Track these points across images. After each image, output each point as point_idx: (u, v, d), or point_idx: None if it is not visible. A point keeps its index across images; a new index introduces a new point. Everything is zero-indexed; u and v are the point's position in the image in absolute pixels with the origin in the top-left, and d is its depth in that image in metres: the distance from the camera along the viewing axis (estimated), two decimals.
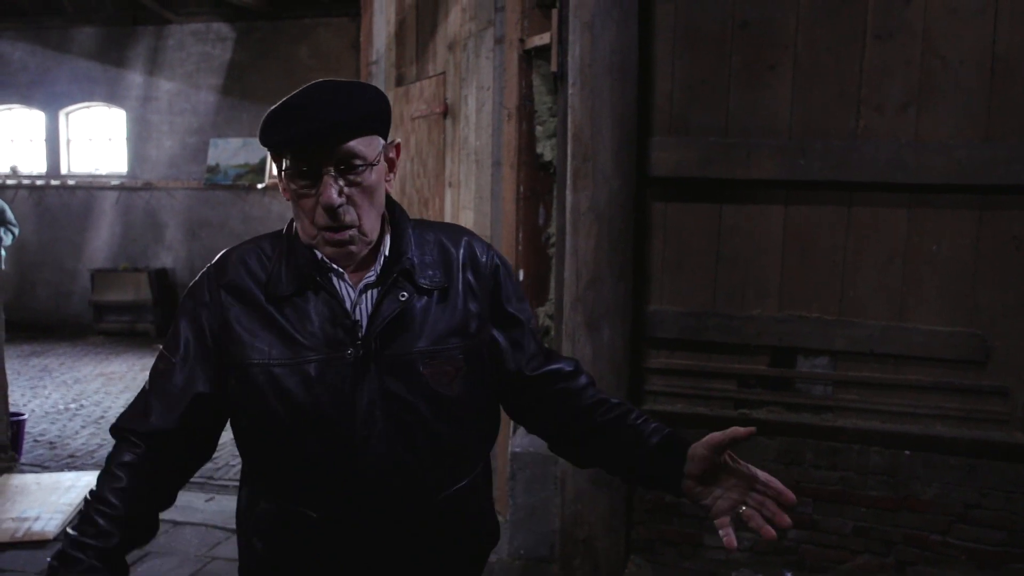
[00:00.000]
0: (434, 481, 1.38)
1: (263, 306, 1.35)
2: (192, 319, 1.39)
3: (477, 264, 1.45)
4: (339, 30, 8.99)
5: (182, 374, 1.36)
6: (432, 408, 1.36)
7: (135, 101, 9.52)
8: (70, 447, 5.01)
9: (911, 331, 3.21)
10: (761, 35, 3.24)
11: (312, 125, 1.25)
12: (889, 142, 3.16)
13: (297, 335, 1.33)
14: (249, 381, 1.33)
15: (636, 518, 3.43)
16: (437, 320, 1.38)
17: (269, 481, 1.37)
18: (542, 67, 3.47)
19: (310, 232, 1.33)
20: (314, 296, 1.35)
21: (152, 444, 1.36)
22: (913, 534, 3.20)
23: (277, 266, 1.37)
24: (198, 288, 1.41)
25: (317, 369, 1.32)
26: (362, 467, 1.31)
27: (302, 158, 1.28)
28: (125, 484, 1.32)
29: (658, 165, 3.31)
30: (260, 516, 1.38)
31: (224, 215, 9.42)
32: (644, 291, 3.41)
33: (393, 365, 1.34)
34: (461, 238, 1.48)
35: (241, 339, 1.34)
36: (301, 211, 1.33)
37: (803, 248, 3.30)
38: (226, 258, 1.43)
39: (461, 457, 1.42)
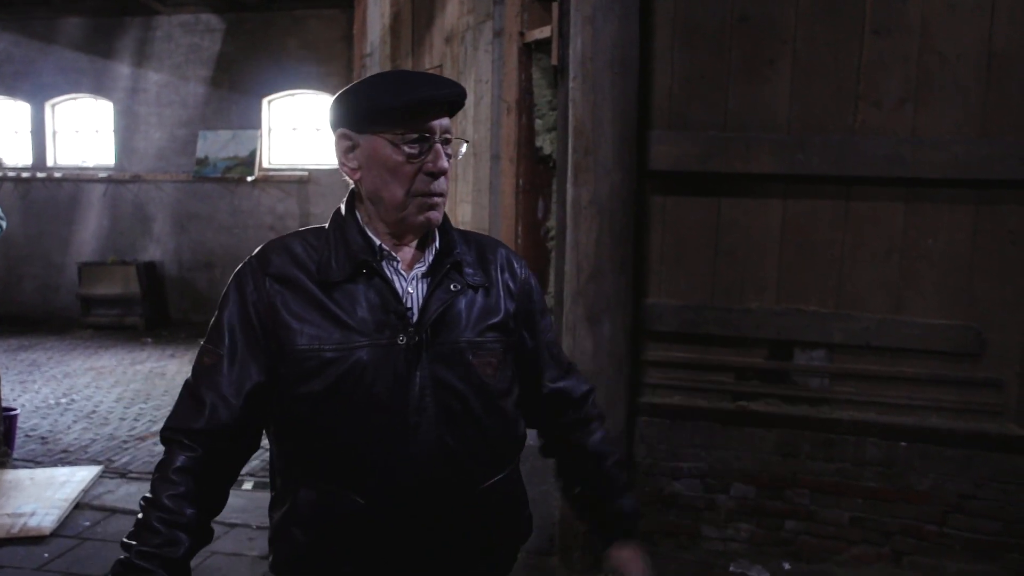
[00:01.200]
0: (477, 470, 1.40)
1: (312, 292, 1.36)
2: (238, 310, 1.39)
3: (513, 270, 1.53)
4: (330, 22, 8.94)
5: (233, 366, 1.36)
6: (478, 397, 1.40)
7: (123, 93, 9.44)
8: (63, 442, 4.98)
9: (908, 324, 3.25)
10: (760, 30, 3.26)
11: (455, 89, 1.37)
12: (887, 137, 3.18)
13: (348, 320, 1.35)
14: (300, 366, 1.34)
15: None
16: (481, 314, 1.43)
17: (313, 467, 1.37)
18: (542, 60, 3.47)
19: (399, 200, 1.36)
20: (365, 282, 1.37)
21: (208, 443, 1.35)
22: (909, 525, 3.23)
23: (326, 253, 1.39)
24: (241, 280, 1.41)
25: (370, 355, 1.33)
26: (411, 453, 1.33)
27: (423, 125, 1.34)
28: (184, 490, 1.32)
29: (658, 159, 3.33)
30: (300, 504, 1.37)
31: (213, 208, 9.37)
32: (643, 284, 3.42)
33: (443, 354, 1.37)
34: (497, 245, 1.56)
35: (290, 325, 1.35)
36: (397, 179, 1.35)
37: (801, 242, 3.32)
38: (267, 250, 1.43)
39: (501, 448, 1.46)
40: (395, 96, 1.32)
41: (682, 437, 3.42)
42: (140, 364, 7.38)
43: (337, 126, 1.40)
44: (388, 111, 1.33)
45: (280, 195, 9.26)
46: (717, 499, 3.41)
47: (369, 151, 1.36)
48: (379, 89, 1.35)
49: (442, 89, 1.35)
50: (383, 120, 1.34)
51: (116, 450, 4.83)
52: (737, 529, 3.40)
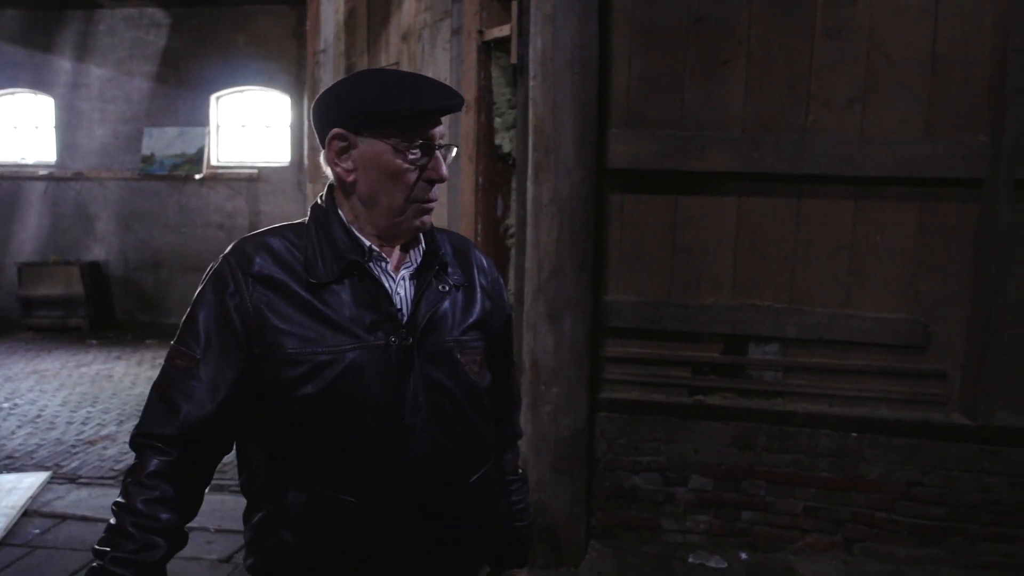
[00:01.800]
0: (466, 466, 1.43)
1: (299, 294, 1.33)
2: (215, 311, 1.34)
3: (485, 270, 1.55)
4: (279, 18, 8.83)
5: (209, 368, 1.33)
6: (466, 396, 1.42)
7: (64, 88, 9.18)
8: (7, 448, 4.83)
9: (857, 318, 3.35)
10: (715, 31, 3.32)
11: (460, 99, 1.37)
12: (837, 137, 3.28)
13: (339, 321, 1.33)
14: (292, 370, 1.31)
15: (596, 505, 3.49)
16: (464, 313, 1.45)
17: (304, 469, 1.35)
18: (501, 59, 3.49)
19: (398, 205, 1.36)
20: (354, 283, 1.35)
21: (182, 447, 1.32)
22: (860, 512, 3.34)
23: (311, 252, 1.36)
24: (219, 278, 1.36)
25: (362, 357, 1.32)
26: (407, 453, 1.34)
27: (427, 132, 1.34)
28: (159, 494, 1.30)
29: (616, 157, 3.37)
30: (289, 506, 1.35)
31: (159, 206, 9.17)
32: (601, 281, 3.46)
33: (434, 354, 1.38)
34: (470, 245, 1.58)
35: (279, 328, 1.32)
36: (397, 186, 1.34)
37: (755, 239, 3.40)
38: (244, 246, 1.38)
39: (485, 443, 1.49)
40: (405, 102, 1.31)
41: (641, 432, 3.47)
42: (86, 367, 7.19)
43: (330, 125, 1.36)
44: (395, 117, 1.31)
45: (229, 193, 9.11)
46: (676, 492, 3.47)
47: (369, 155, 1.34)
48: (385, 93, 1.32)
49: (452, 99, 1.35)
50: (388, 125, 1.32)
51: (64, 455, 4.71)
52: (696, 521, 3.46)
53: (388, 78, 1.37)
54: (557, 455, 3.28)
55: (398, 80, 1.35)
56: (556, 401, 3.24)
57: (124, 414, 5.46)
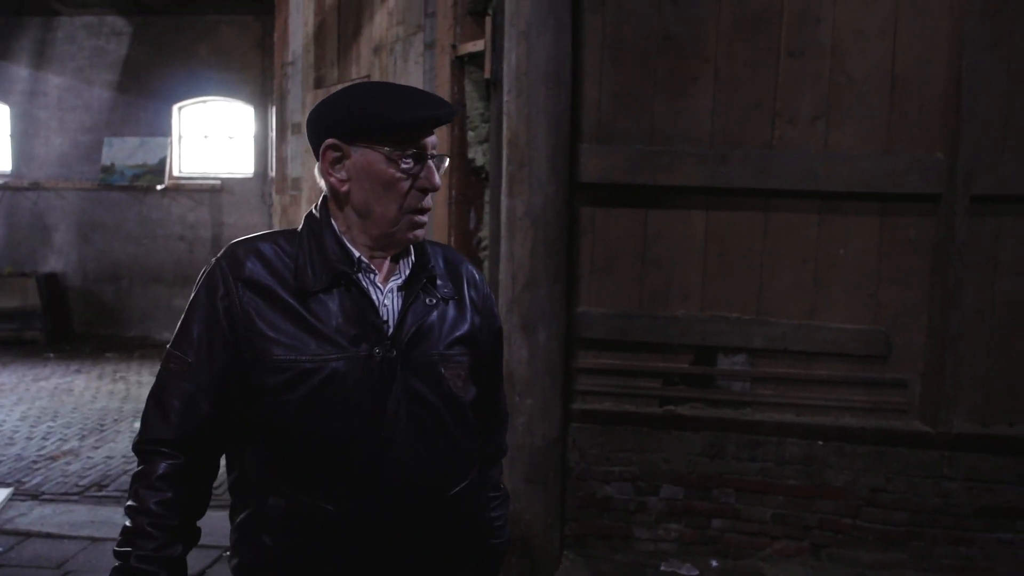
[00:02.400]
0: (446, 479, 1.43)
1: (287, 301, 1.35)
2: (207, 314, 1.37)
3: (477, 285, 1.56)
4: (243, 28, 8.78)
5: (201, 371, 1.36)
6: (448, 409, 1.42)
7: (20, 96, 9.01)
8: None
9: (821, 329, 3.44)
10: (684, 48, 3.40)
11: (452, 110, 1.41)
12: (801, 152, 3.37)
13: (324, 330, 1.35)
14: (276, 377, 1.33)
15: (569, 514, 3.52)
16: (451, 327, 1.45)
17: (283, 475, 1.37)
18: (474, 73, 3.53)
19: (392, 215, 1.37)
20: (341, 293, 1.37)
21: (183, 449, 1.36)
22: (827, 519, 3.42)
23: (302, 260, 1.38)
24: (210, 282, 1.38)
25: (346, 366, 1.34)
26: (385, 463, 1.35)
27: (419, 141, 1.35)
28: (171, 495, 1.34)
29: (587, 171, 3.43)
30: (269, 511, 1.38)
31: (120, 217, 9.03)
32: (573, 293, 3.51)
33: (417, 367, 1.39)
34: (462, 260, 1.58)
35: (265, 334, 1.34)
36: (390, 196, 1.36)
37: (723, 251, 3.48)
38: (235, 251, 1.40)
39: (467, 457, 1.49)
40: (397, 111, 1.33)
41: (613, 442, 3.52)
42: (44, 380, 7.04)
43: (324, 136, 1.38)
44: (388, 126, 1.33)
45: (191, 204, 9.01)
46: (648, 501, 3.52)
47: (362, 164, 1.36)
48: (378, 102, 1.35)
49: (443, 108, 1.38)
50: (381, 134, 1.34)
51: (25, 471, 4.61)
52: (667, 529, 3.51)
53: (381, 89, 1.40)
54: (531, 465, 3.31)
55: (390, 91, 1.38)
56: (531, 412, 3.27)
57: (86, 428, 5.36)
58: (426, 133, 1.36)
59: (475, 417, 1.51)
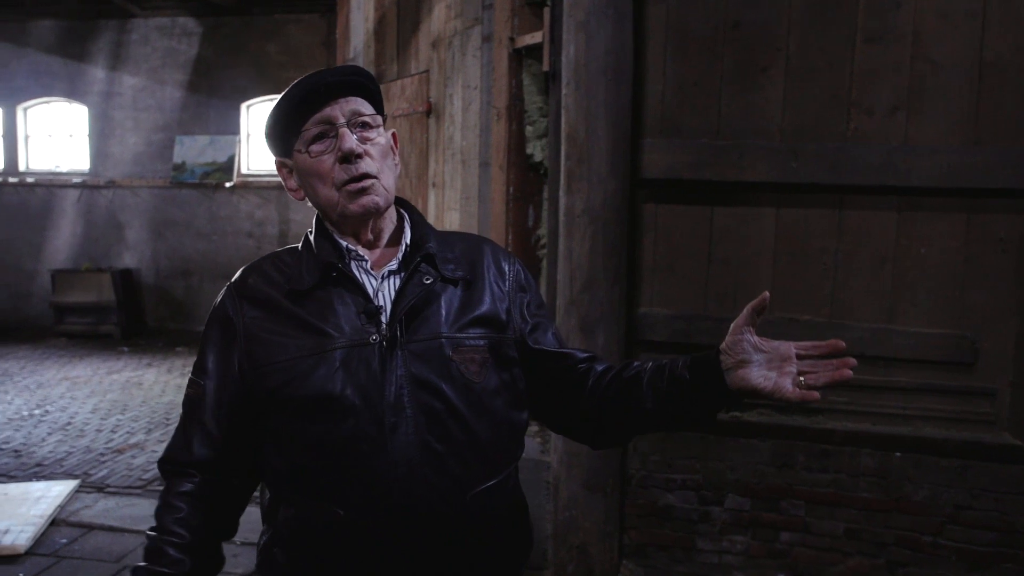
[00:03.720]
0: (466, 475, 1.32)
1: (284, 305, 1.36)
2: (218, 338, 1.40)
3: (502, 268, 1.49)
4: (310, 27, 8.85)
5: (215, 398, 1.37)
6: (461, 395, 1.33)
7: (97, 97, 9.28)
8: (37, 455, 4.85)
9: (901, 334, 3.23)
10: (753, 37, 3.23)
11: (322, 79, 1.38)
12: (879, 145, 3.17)
13: (321, 325, 1.33)
14: (277, 379, 1.32)
15: (629, 523, 3.40)
16: (462, 310, 1.39)
17: (294, 482, 1.33)
18: (532, 66, 3.43)
19: (332, 198, 1.37)
20: (335, 286, 1.36)
21: (202, 471, 1.37)
22: (904, 535, 3.21)
23: (296, 265, 1.40)
24: (221, 307, 1.42)
25: (343, 357, 1.31)
26: (392, 458, 1.27)
27: (317, 117, 1.36)
28: (187, 513, 1.34)
29: (650, 167, 3.29)
30: (281, 523, 1.34)
31: (190, 214, 9.23)
32: (635, 294, 3.38)
33: (420, 350, 1.33)
34: (482, 242, 1.53)
35: (265, 341, 1.34)
36: (321, 180, 1.37)
37: (794, 251, 3.30)
38: (244, 273, 1.45)
39: (493, 451, 1.37)
40: (284, 103, 1.36)
41: (676, 448, 3.38)
42: (116, 373, 7.23)
43: (275, 157, 1.46)
44: (286, 125, 1.37)
45: (259, 201, 9.15)
46: (712, 511, 3.37)
47: (298, 169, 1.40)
48: (276, 106, 1.39)
49: (324, 77, 1.36)
50: (289, 135, 1.38)
51: (93, 463, 4.71)
52: (732, 541, 3.36)
53: (286, 91, 1.40)
54: (590, 471, 3.20)
55: (290, 87, 1.39)
56: None
57: (153, 422, 5.46)
58: (317, 107, 1.35)
59: (512, 409, 1.39)
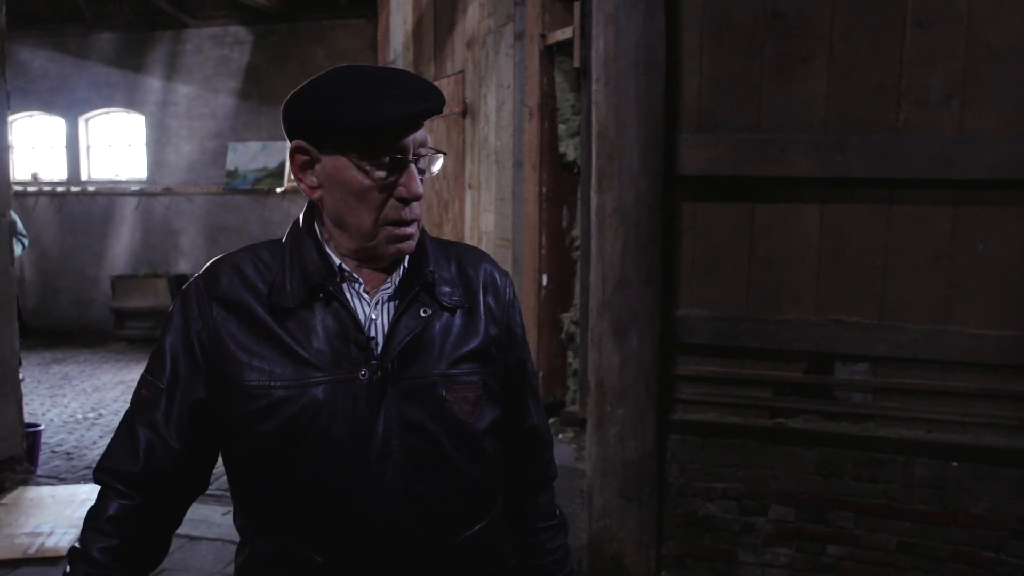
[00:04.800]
0: (453, 521, 1.24)
1: (262, 320, 1.20)
2: (180, 337, 1.23)
3: (497, 290, 1.35)
4: (356, 31, 8.90)
5: (174, 402, 1.22)
6: (453, 439, 1.23)
7: (154, 106, 9.50)
8: (87, 458, 4.94)
9: (957, 335, 3.04)
10: (794, 25, 3.08)
11: (434, 103, 1.17)
12: (932, 136, 2.99)
13: (302, 352, 1.18)
14: (248, 405, 1.18)
15: (667, 533, 3.28)
16: (458, 341, 1.26)
17: (267, 518, 1.22)
18: (564, 63, 3.34)
19: (366, 229, 1.19)
20: (322, 308, 1.20)
21: (146, 489, 1.22)
22: (962, 550, 3.02)
23: (280, 275, 1.22)
24: (185, 302, 1.24)
25: (327, 392, 1.17)
26: (375, 504, 1.18)
27: (395, 144, 1.16)
28: (118, 543, 1.20)
29: (686, 164, 3.17)
30: (256, 555, 1.23)
31: (243, 220, 9.37)
32: (673, 295, 3.26)
33: (412, 389, 1.20)
34: (481, 261, 1.37)
35: (237, 358, 1.19)
36: (362, 205, 1.17)
37: (841, 249, 3.14)
38: (217, 267, 1.26)
39: (481, 495, 1.29)
40: (362, 114, 1.13)
41: (716, 456, 3.25)
42: None
43: (292, 136, 1.21)
44: (355, 131, 1.14)
45: None
46: (754, 521, 3.23)
47: (331, 171, 1.18)
48: (341, 102, 1.15)
49: (419, 105, 1.15)
50: (347, 138, 1.15)
51: None
52: (776, 554, 3.21)
53: (355, 82, 1.17)
54: (624, 479, 3.10)
55: (366, 83, 1.16)
56: (623, 423, 3.06)
57: None
58: (404, 133, 1.16)
59: (497, 445, 1.31)
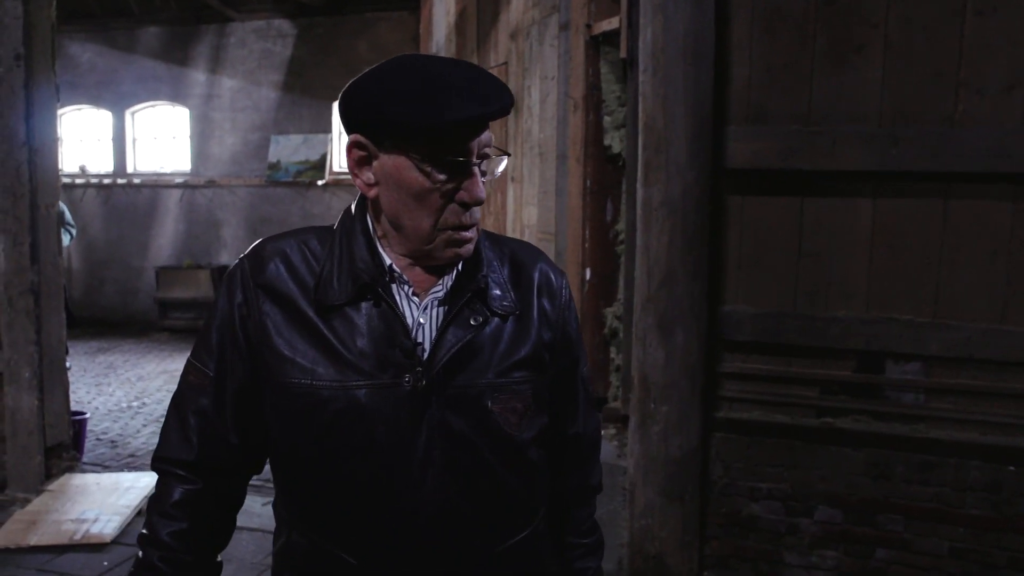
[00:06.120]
0: (492, 533, 1.20)
1: (307, 315, 1.17)
2: (226, 322, 1.21)
3: (552, 291, 1.29)
4: (399, 24, 8.92)
5: (223, 388, 1.21)
6: (496, 451, 1.19)
7: (198, 99, 9.62)
8: (131, 446, 5.02)
9: (1015, 334, 2.93)
10: (848, 13, 3.00)
11: (504, 103, 1.11)
12: (991, 128, 2.88)
13: (346, 353, 1.15)
14: (288, 402, 1.16)
15: (710, 533, 3.22)
16: (508, 349, 1.20)
17: (303, 514, 1.20)
18: (610, 54, 3.29)
19: (424, 232, 1.14)
20: (370, 308, 1.16)
21: (205, 474, 1.23)
22: (1019, 557, 2.92)
23: (329, 269, 1.18)
24: (231, 284, 1.22)
25: (369, 396, 1.14)
26: (413, 513, 1.14)
27: (460, 147, 1.10)
28: (186, 526, 1.21)
29: (734, 156, 3.10)
30: (292, 548, 1.22)
31: (285, 212, 9.45)
32: (718, 290, 3.20)
33: (458, 398, 1.16)
34: (537, 259, 1.31)
35: (280, 352, 1.16)
36: (422, 208, 1.12)
37: (893, 244, 3.05)
38: (261, 250, 1.22)
39: (524, 505, 1.25)
40: (427, 114, 1.07)
41: (761, 455, 3.18)
42: None
43: (349, 130, 1.16)
44: (417, 130, 1.08)
45: (350, 199, 9.04)
46: (800, 523, 3.15)
47: (390, 169, 1.13)
48: (405, 99, 1.08)
49: (488, 106, 1.09)
50: (409, 137, 1.10)
51: None
52: (822, 556, 3.14)
53: (418, 77, 1.10)
54: (667, 478, 3.05)
55: (430, 80, 1.10)
56: (666, 420, 3.01)
57: None
58: (469, 135, 1.11)
59: (542, 453, 1.26)
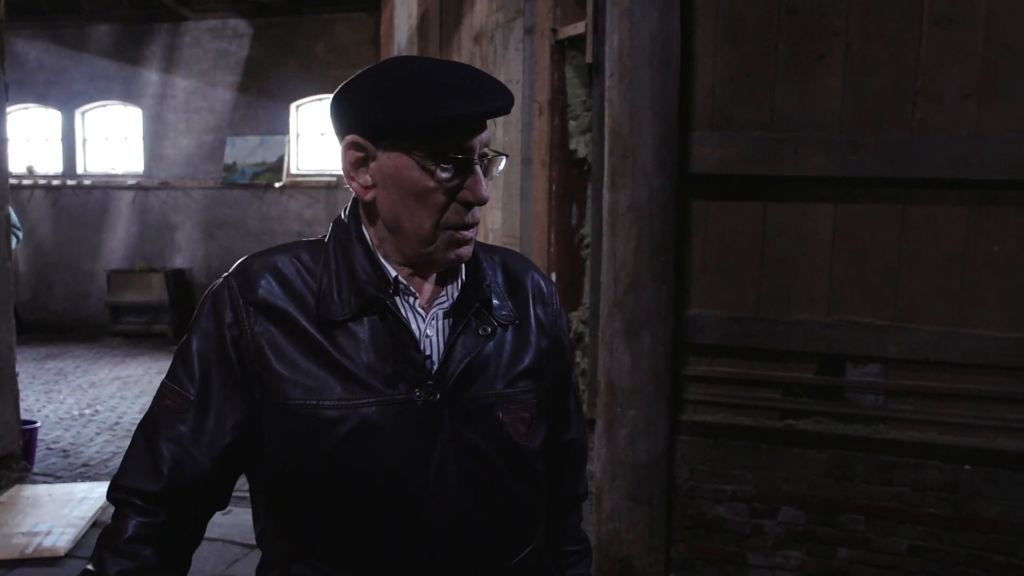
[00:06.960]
0: (506, 545, 1.18)
1: (308, 333, 1.11)
2: (213, 345, 1.13)
3: (545, 299, 1.28)
4: (358, 25, 8.84)
5: (204, 416, 1.12)
6: (509, 463, 1.17)
7: (151, 99, 9.42)
8: (84, 455, 4.88)
9: (972, 337, 3.01)
10: (810, 22, 3.04)
11: (505, 101, 1.09)
12: (948, 136, 2.95)
13: (353, 369, 1.10)
14: (293, 425, 1.10)
15: (676, 535, 3.25)
16: (512, 359, 1.19)
17: (307, 543, 1.14)
18: (575, 58, 3.29)
19: (425, 232, 1.10)
20: (375, 322, 1.12)
21: (169, 509, 1.13)
22: (975, 554, 2.99)
23: (327, 281, 1.13)
24: (217, 304, 1.14)
25: (379, 413, 1.09)
26: (428, 531, 1.11)
27: (463, 144, 1.08)
28: (137, 564, 1.11)
29: (699, 162, 3.12)
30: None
31: (241, 214, 9.30)
32: (683, 295, 3.22)
33: (470, 411, 1.13)
34: (527, 269, 1.30)
35: (280, 373, 1.10)
36: (423, 208, 1.09)
37: (854, 249, 3.10)
38: (249, 267, 1.16)
39: (533, 516, 1.23)
40: (434, 109, 1.04)
41: (726, 457, 3.21)
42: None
43: (345, 131, 1.12)
44: (420, 128, 1.06)
45: (308, 201, 9.17)
46: (764, 524, 3.19)
47: (390, 169, 1.09)
48: (406, 96, 1.06)
49: (491, 102, 1.07)
50: (411, 135, 1.07)
51: None
52: (786, 556, 3.18)
53: (417, 75, 1.08)
54: (634, 481, 3.06)
55: (429, 77, 1.08)
56: (633, 424, 3.02)
57: None
58: (471, 133, 1.09)
59: (542, 463, 1.25)
